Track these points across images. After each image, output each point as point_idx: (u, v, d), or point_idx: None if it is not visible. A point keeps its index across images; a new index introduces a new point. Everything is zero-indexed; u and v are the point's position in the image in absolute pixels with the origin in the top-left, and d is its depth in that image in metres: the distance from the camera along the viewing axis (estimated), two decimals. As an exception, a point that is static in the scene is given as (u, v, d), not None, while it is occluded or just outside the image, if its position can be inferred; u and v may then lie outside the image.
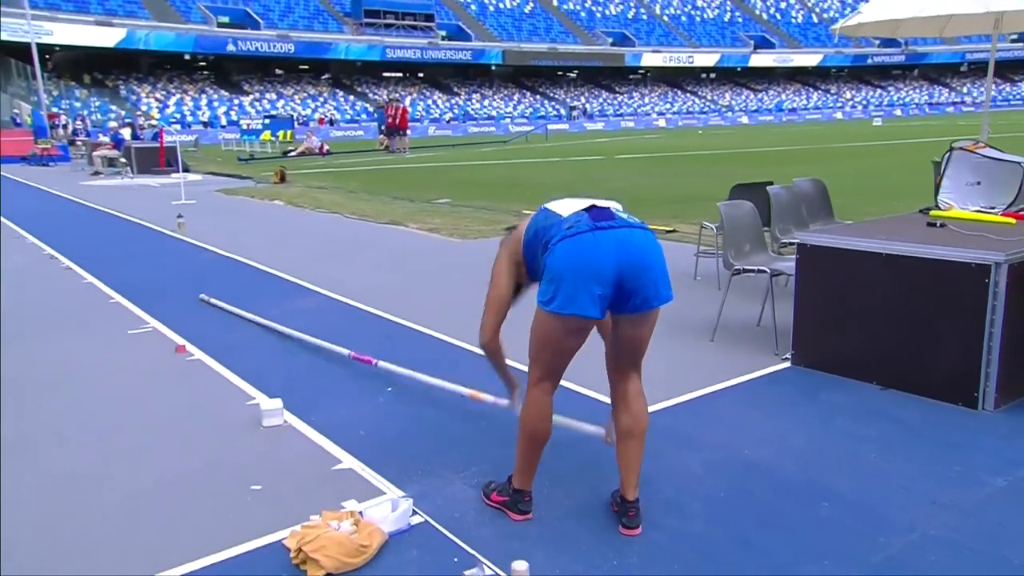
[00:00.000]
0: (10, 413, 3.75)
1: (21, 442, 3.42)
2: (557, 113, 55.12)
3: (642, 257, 2.46)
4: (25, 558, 2.52)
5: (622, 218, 2.50)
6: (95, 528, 2.70)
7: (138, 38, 40.82)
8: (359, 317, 5.44)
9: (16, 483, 3.04)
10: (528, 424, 2.68)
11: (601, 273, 2.40)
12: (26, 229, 9.54)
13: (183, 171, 17.07)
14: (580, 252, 2.40)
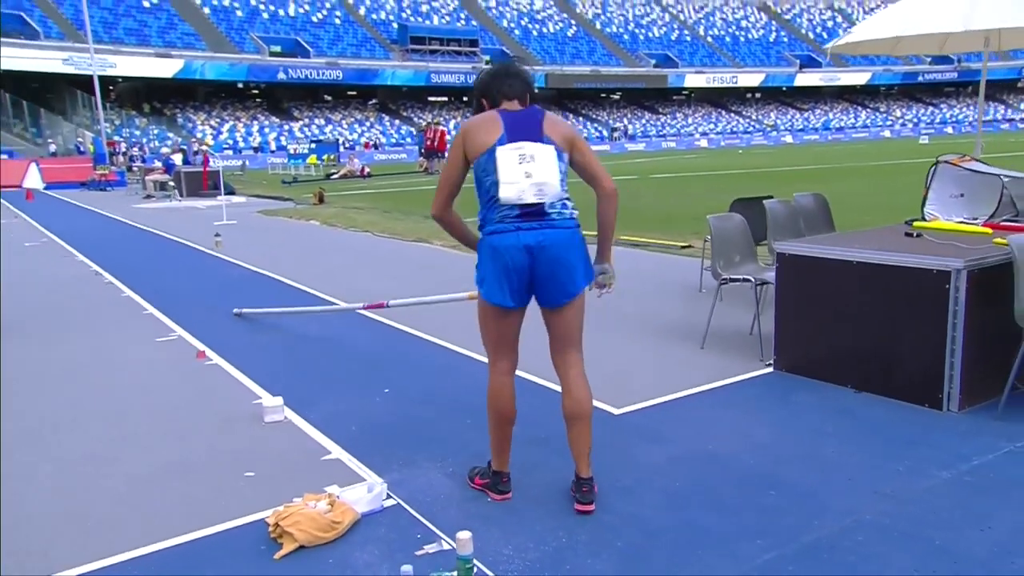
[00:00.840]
0: (43, 403, 4.13)
1: (47, 428, 3.78)
2: (600, 134, 55.39)
3: (556, 258, 2.75)
4: (40, 527, 2.84)
5: (548, 217, 2.75)
6: (103, 502, 3.02)
7: (195, 68, 42.48)
8: (368, 324, 5.73)
9: (40, 461, 3.39)
10: (490, 404, 2.97)
11: (518, 271, 2.78)
12: (77, 248, 10.16)
13: (229, 194, 17.86)
14: (502, 250, 2.76)
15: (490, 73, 2.96)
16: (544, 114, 2.86)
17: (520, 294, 2.83)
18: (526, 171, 2.72)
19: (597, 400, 3.90)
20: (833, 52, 6.16)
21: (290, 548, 2.65)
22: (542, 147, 2.75)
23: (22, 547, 2.70)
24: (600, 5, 65.19)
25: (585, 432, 2.87)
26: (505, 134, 2.74)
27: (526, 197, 2.73)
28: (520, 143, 2.74)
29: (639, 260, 8.04)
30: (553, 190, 2.75)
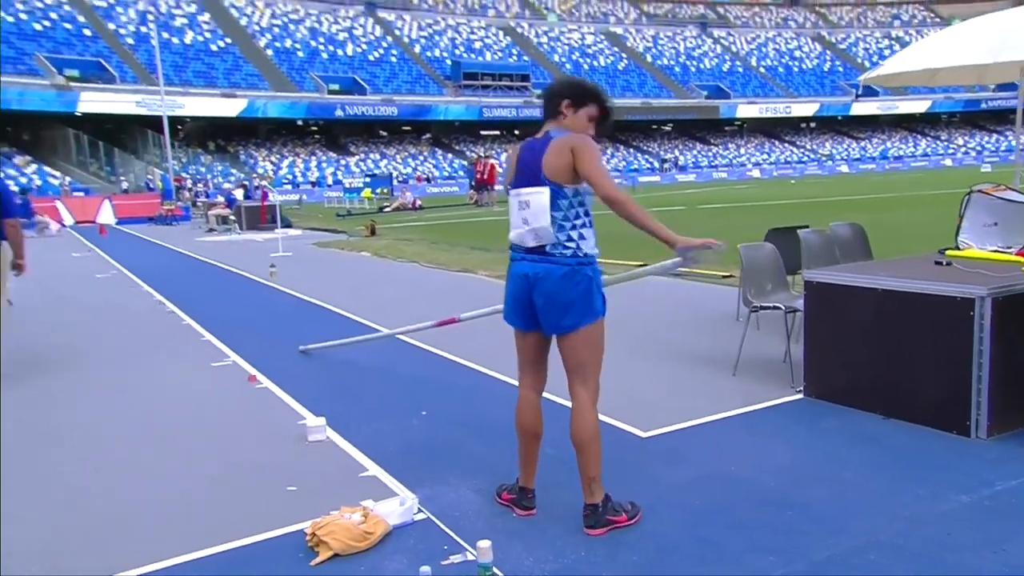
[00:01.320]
0: (108, 421, 4.44)
1: (110, 443, 4.07)
2: (651, 166, 55.44)
3: (548, 292, 2.90)
4: (99, 532, 3.09)
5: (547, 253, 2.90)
6: (157, 512, 3.26)
7: (257, 107, 44.18)
8: (410, 351, 5.95)
9: (102, 471, 3.67)
10: (516, 419, 3.15)
11: (519, 298, 3.02)
12: (143, 280, 10.71)
13: (287, 227, 18.52)
14: (510, 277, 3.05)
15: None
16: (549, 145, 2.88)
17: (524, 319, 3.03)
18: (524, 217, 2.92)
19: (624, 423, 4.06)
20: (866, 84, 6.22)
21: (326, 556, 2.84)
22: (538, 192, 2.87)
23: (80, 549, 2.95)
24: (651, 39, 65.64)
25: (583, 460, 2.96)
26: (516, 176, 2.97)
27: (526, 241, 2.93)
28: (520, 189, 2.94)
29: (679, 289, 8.11)
30: (547, 234, 2.87)
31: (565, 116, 2.97)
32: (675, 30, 67.76)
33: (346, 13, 55.65)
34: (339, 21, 54.42)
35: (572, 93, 3.00)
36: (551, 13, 65.26)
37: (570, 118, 2.97)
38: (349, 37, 53.17)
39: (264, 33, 50.08)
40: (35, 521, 3.21)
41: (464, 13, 61.55)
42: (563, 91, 3.02)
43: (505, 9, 63.83)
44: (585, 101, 2.99)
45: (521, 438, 3.15)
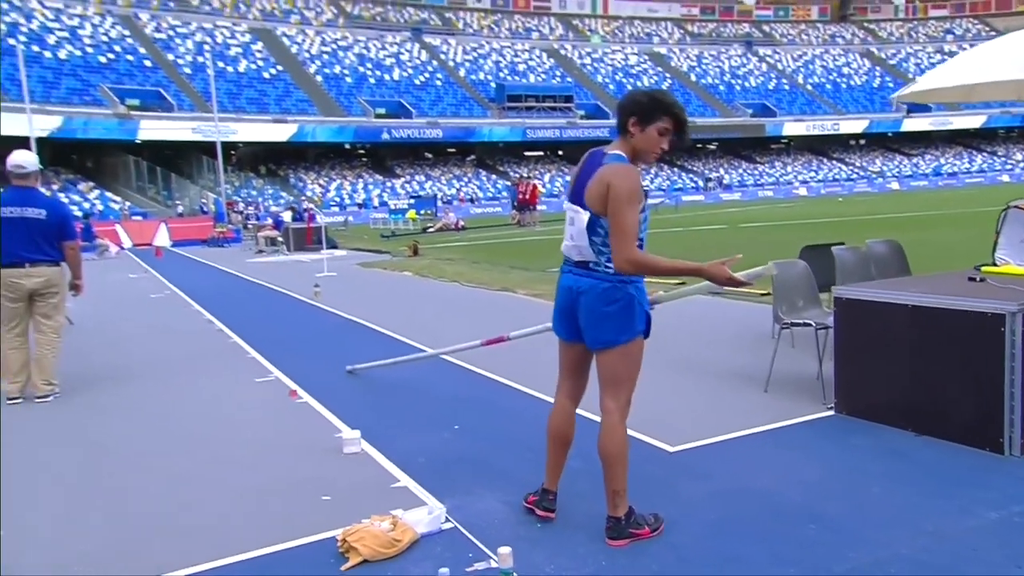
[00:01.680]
0: (156, 432, 4.65)
1: (158, 453, 4.26)
2: (695, 185, 55.07)
3: (587, 305, 2.97)
4: (146, 536, 3.25)
5: (589, 267, 2.97)
6: (200, 517, 3.42)
7: (306, 132, 45.33)
8: (447, 368, 6.06)
9: (149, 479, 3.85)
10: (548, 423, 3.25)
11: (563, 308, 3.10)
12: (194, 299, 11.09)
13: (332, 248, 18.93)
14: (557, 288, 3.14)
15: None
16: (598, 171, 2.87)
17: (568, 329, 3.10)
18: (571, 233, 3.01)
19: (653, 438, 4.11)
20: (900, 101, 6.18)
21: (355, 562, 2.95)
22: (580, 213, 2.94)
23: (128, 552, 3.11)
24: (695, 58, 65.50)
25: (609, 473, 3.01)
26: (572, 189, 3.05)
27: (572, 255, 3.04)
28: (570, 205, 3.03)
29: (716, 308, 8.10)
30: (588, 253, 2.93)
31: (633, 135, 2.88)
32: (720, 49, 67.48)
33: (393, 39, 56.84)
34: (386, 47, 55.59)
35: (638, 109, 2.86)
36: (595, 35, 65.64)
37: (638, 136, 2.87)
38: (396, 62, 54.25)
39: (314, 60, 51.44)
40: (86, 526, 3.39)
41: (508, 36, 62.33)
42: (629, 107, 2.89)
43: (549, 32, 64.43)
44: (654, 116, 2.84)
45: (551, 443, 3.23)
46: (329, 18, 56.77)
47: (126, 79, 41.99)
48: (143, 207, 37.20)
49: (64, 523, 3.43)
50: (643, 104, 2.87)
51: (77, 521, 3.44)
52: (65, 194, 36.54)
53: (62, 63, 40.77)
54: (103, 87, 40.22)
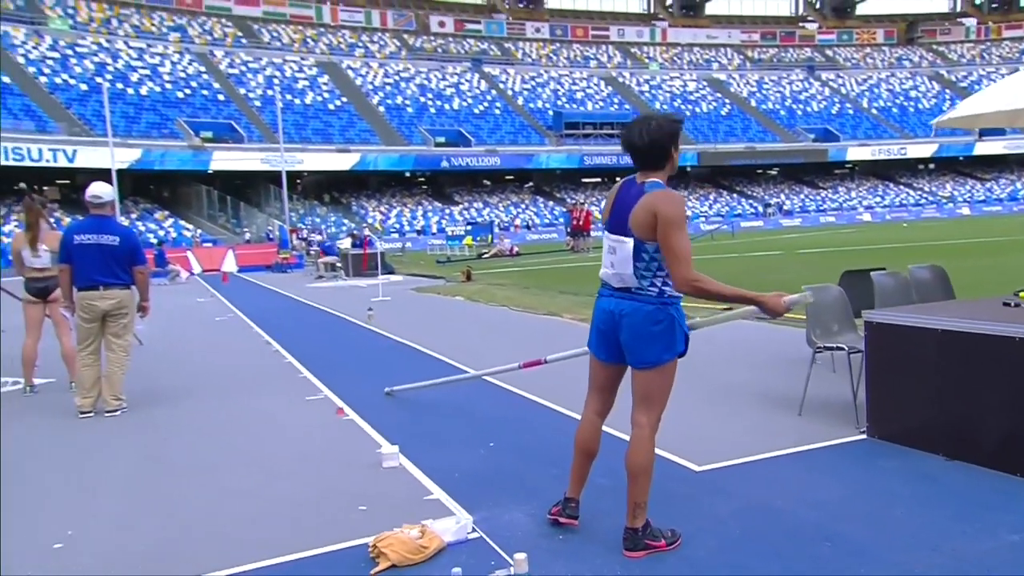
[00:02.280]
0: (210, 446, 4.94)
1: (210, 465, 4.54)
2: (754, 211, 54.33)
3: (631, 326, 3.08)
4: (195, 540, 3.50)
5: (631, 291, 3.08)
6: (244, 523, 3.66)
7: (369, 161, 46.60)
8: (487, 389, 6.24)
9: (201, 490, 4.12)
10: (575, 436, 3.39)
11: (603, 330, 3.21)
12: (255, 322, 11.57)
13: (389, 273, 19.40)
14: (596, 310, 3.26)
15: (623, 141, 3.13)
16: (642, 198, 2.98)
17: (607, 350, 3.21)
18: (611, 261, 3.14)
19: (681, 457, 4.19)
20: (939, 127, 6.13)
21: (384, 566, 3.13)
22: (624, 242, 3.05)
23: (178, 552, 3.36)
24: (755, 84, 64.94)
25: (634, 486, 3.11)
26: (609, 220, 3.16)
27: (612, 282, 3.17)
28: (611, 235, 3.13)
29: (758, 332, 8.09)
30: (630, 280, 3.06)
31: (672, 160, 3.05)
32: (780, 74, 66.78)
33: (453, 69, 58.10)
34: (447, 77, 56.84)
35: (678, 135, 3.04)
36: (653, 62, 65.79)
37: (674, 160, 3.06)
38: (456, 92, 55.38)
39: (377, 91, 52.93)
40: (139, 528, 3.65)
41: (567, 65, 62.99)
42: (671, 134, 3.02)
43: (607, 60, 64.88)
44: (678, 138, 3.06)
45: (577, 455, 3.36)
46: (392, 51, 58.43)
47: (201, 112, 44.02)
48: (213, 234, 38.74)
49: (120, 524, 3.70)
50: (678, 129, 3.05)
51: (132, 523, 3.71)
52: (142, 222, 38.39)
53: (143, 99, 43.01)
54: (179, 121, 42.25)
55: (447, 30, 62.53)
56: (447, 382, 6.09)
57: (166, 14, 51.65)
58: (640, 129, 3.04)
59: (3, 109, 36.68)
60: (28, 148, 35.12)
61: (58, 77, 41.46)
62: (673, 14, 71.27)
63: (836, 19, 73.27)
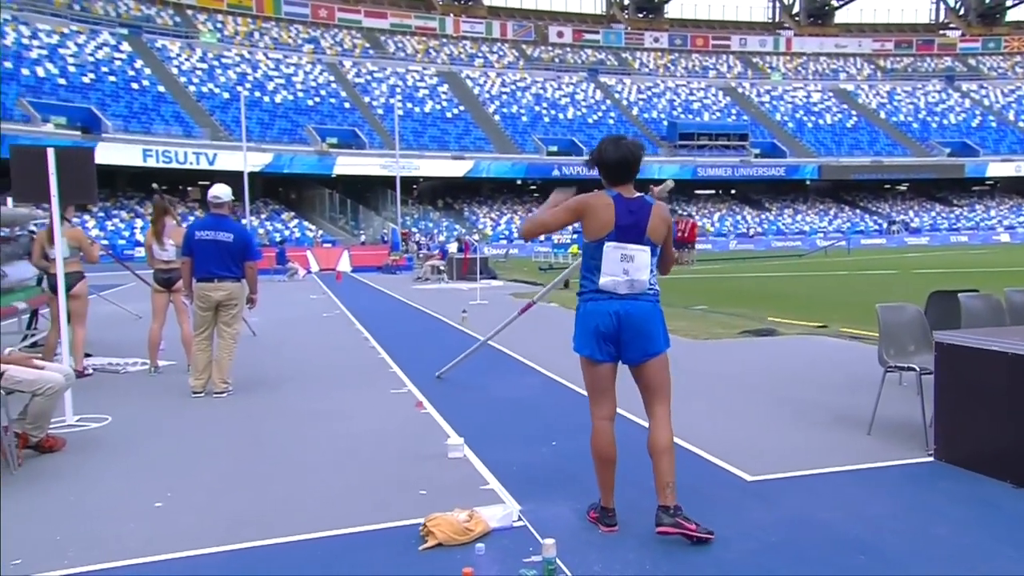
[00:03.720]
0: (301, 432, 5.39)
1: (298, 449, 4.97)
2: (878, 227, 51.67)
3: (638, 324, 3.35)
4: (276, 506, 3.89)
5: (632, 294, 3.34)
6: (319, 498, 4.02)
7: (481, 168, 47.77)
8: (559, 390, 6.43)
9: (285, 465, 4.54)
10: (592, 446, 3.54)
11: (606, 332, 3.40)
12: (358, 319, 12.24)
13: (491, 278, 19.88)
14: (595, 315, 3.41)
15: (613, 156, 3.44)
16: (651, 212, 3.38)
17: (608, 350, 3.42)
18: (625, 268, 3.35)
19: (733, 466, 4.25)
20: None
21: (431, 544, 3.39)
22: (642, 251, 3.35)
23: (262, 519, 3.75)
24: (886, 95, 61.89)
25: (665, 465, 3.31)
26: (615, 231, 3.34)
27: (620, 290, 3.37)
28: (625, 245, 3.34)
29: (844, 351, 7.91)
30: (642, 285, 3.37)
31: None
32: (915, 85, 63.32)
33: (569, 79, 58.58)
34: (562, 87, 57.37)
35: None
36: (775, 72, 63.86)
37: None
38: (571, 101, 55.81)
39: (493, 100, 54.12)
40: (232, 497, 4.07)
41: (684, 75, 62.19)
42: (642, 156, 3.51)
43: (727, 69, 63.58)
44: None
45: (604, 465, 3.50)
46: (510, 60, 59.57)
47: (328, 120, 46.48)
48: (333, 235, 40.78)
49: (213, 491, 4.15)
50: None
51: (223, 491, 4.15)
52: (270, 222, 40.94)
53: (277, 106, 45.90)
54: (308, 127, 44.79)
55: (565, 40, 63.11)
56: (469, 354, 6.92)
57: (302, 27, 54.86)
58: (633, 147, 3.45)
59: (158, 116, 40.13)
60: (175, 152, 38.28)
61: (205, 86, 44.90)
62: (800, 23, 68.93)
63: (982, 26, 68.66)
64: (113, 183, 39.42)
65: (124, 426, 5.58)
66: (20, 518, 3.76)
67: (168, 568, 3.19)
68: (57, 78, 39.16)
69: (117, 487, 4.23)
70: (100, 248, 9.00)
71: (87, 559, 3.26)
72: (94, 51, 42.75)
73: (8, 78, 36.97)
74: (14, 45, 39.58)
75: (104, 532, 3.57)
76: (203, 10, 51.78)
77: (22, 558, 3.28)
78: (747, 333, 9.40)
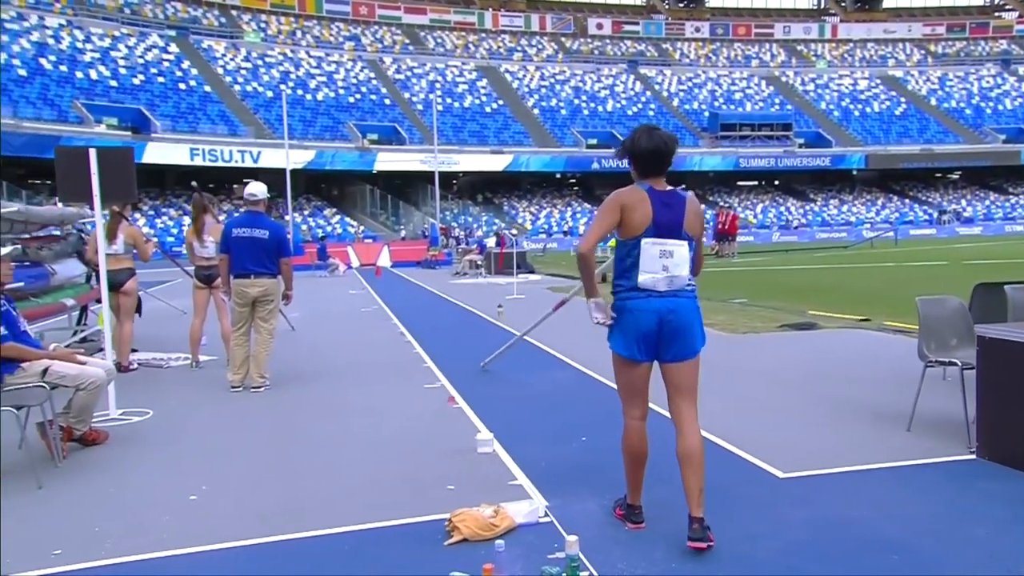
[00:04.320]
0: (334, 425, 5.46)
1: (329, 442, 5.03)
2: (928, 217, 50.26)
3: (681, 321, 3.24)
4: (306, 498, 3.95)
5: (671, 291, 3.24)
6: (348, 490, 4.07)
7: (520, 162, 47.69)
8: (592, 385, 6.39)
9: (318, 457, 4.60)
10: (624, 446, 3.49)
11: (647, 331, 3.28)
12: (395, 314, 12.34)
13: (529, 273, 19.87)
14: (636, 313, 3.29)
15: (646, 147, 3.31)
16: (687, 206, 3.29)
17: (648, 350, 3.31)
18: (664, 264, 3.22)
19: (765, 463, 4.18)
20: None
21: (456, 539, 3.40)
22: (681, 245, 3.24)
23: (291, 511, 3.80)
24: (937, 81, 60.09)
25: (698, 471, 3.20)
26: (652, 226, 3.22)
27: (659, 287, 3.24)
28: (663, 240, 3.22)
29: (887, 345, 7.73)
30: (682, 281, 3.26)
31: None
32: (968, 70, 61.34)
33: (609, 71, 58.14)
34: (602, 79, 56.96)
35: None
36: (820, 60, 62.48)
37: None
38: (610, 94, 55.38)
39: (532, 93, 53.98)
40: (265, 490, 4.14)
41: (726, 65, 61.23)
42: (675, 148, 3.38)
43: (770, 58, 62.41)
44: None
45: (634, 462, 3.46)
46: (549, 53, 59.34)
47: (368, 116, 46.92)
48: (374, 231, 41.17)
49: (246, 484, 4.22)
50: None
51: (256, 484, 4.22)
52: (313, 218, 41.51)
53: (319, 103, 46.48)
54: (349, 124, 45.27)
55: (604, 32, 62.63)
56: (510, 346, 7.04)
57: (343, 24, 55.42)
58: (667, 138, 3.34)
59: (204, 116, 40.99)
60: (221, 150, 39.03)
61: (249, 85, 45.68)
62: (846, 8, 67.31)
63: (1039, 7, 66.18)
64: (162, 182, 40.41)
65: (164, 420, 5.71)
66: (63, 509, 3.88)
67: (198, 561, 3.26)
68: (109, 80, 40.24)
69: (155, 480, 4.34)
70: (155, 246, 9.24)
71: (123, 550, 3.35)
72: (144, 53, 43.81)
73: (63, 81, 38.23)
74: (68, 49, 40.80)
75: (140, 524, 3.66)
76: (247, 10, 52.64)
77: (62, 549, 3.38)
78: (787, 327, 9.23)
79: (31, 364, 4.63)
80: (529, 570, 3.02)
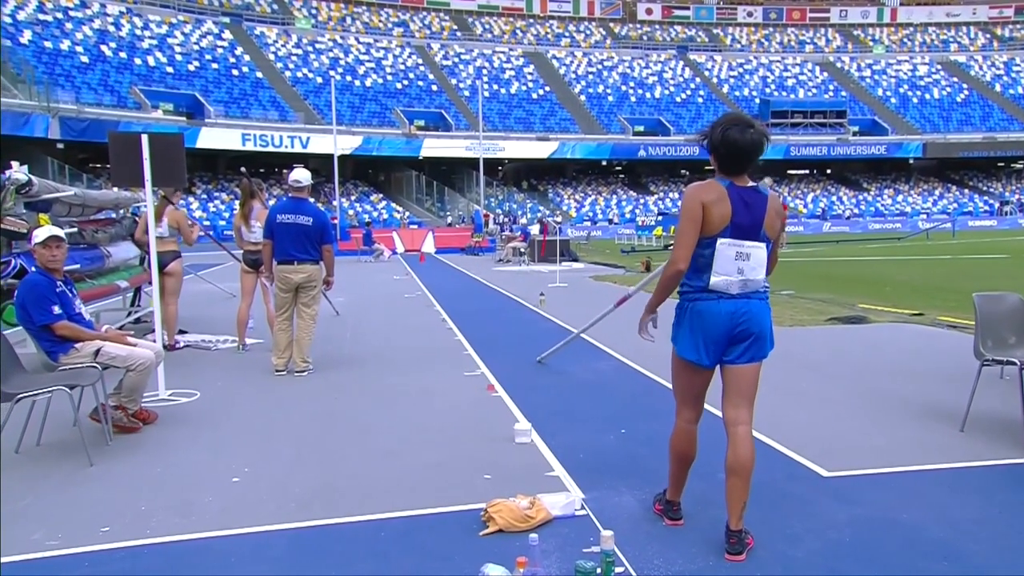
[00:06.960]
0: (376, 412, 5.50)
1: (369, 424, 5.08)
2: (988, 208, 48.50)
3: (753, 323, 3.06)
4: (346, 483, 3.99)
5: (744, 293, 3.05)
6: (386, 477, 4.09)
7: (566, 149, 47.42)
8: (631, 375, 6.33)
9: (355, 442, 4.64)
10: (672, 445, 3.40)
11: (716, 335, 3.09)
12: (437, 300, 12.40)
13: (572, 260, 19.77)
14: (705, 315, 3.09)
15: (739, 143, 3.00)
16: (767, 205, 3.03)
17: (715, 354, 3.12)
18: (739, 267, 3.01)
19: (808, 460, 4.10)
20: None
21: (492, 529, 3.40)
22: (759, 247, 3.03)
23: (331, 496, 3.84)
24: (1003, 66, 57.85)
25: (741, 487, 3.04)
26: (730, 227, 2.99)
27: (732, 290, 3.03)
28: (740, 242, 3.00)
29: (940, 340, 7.50)
30: (756, 284, 3.06)
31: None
32: (1036, 53, 58.85)
33: (657, 57, 57.33)
34: (650, 65, 56.21)
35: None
36: (878, 45, 60.61)
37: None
38: (658, 80, 54.64)
39: (579, 80, 53.54)
40: (304, 474, 4.19)
41: (778, 50, 59.87)
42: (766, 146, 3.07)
43: (824, 44, 60.80)
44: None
45: (680, 462, 3.38)
46: (597, 39, 58.75)
47: (415, 102, 47.13)
48: (419, 217, 41.45)
49: (287, 467, 4.28)
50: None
51: (297, 467, 4.27)
52: (360, 204, 41.97)
53: (367, 90, 46.86)
54: (396, 110, 45.55)
55: (654, 17, 61.75)
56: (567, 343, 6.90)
57: (392, 10, 55.67)
58: (763, 136, 3.05)
59: (256, 101, 41.68)
60: (272, 135, 39.67)
61: (299, 71, 46.27)
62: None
63: (1114, -13, 63.06)
64: (215, 166, 41.27)
65: (210, 402, 5.83)
66: (111, 487, 3.99)
67: (239, 542, 3.31)
68: (165, 66, 41.16)
69: (200, 460, 4.43)
70: (200, 230, 9.43)
71: (167, 529, 3.43)
72: (199, 40, 44.69)
73: (122, 68, 39.26)
74: (128, 36, 41.85)
75: (185, 504, 3.74)
76: (298, -4, 53.30)
77: (111, 526, 3.47)
78: (835, 320, 9.00)
79: (84, 344, 4.77)
80: (563, 564, 3.00)
